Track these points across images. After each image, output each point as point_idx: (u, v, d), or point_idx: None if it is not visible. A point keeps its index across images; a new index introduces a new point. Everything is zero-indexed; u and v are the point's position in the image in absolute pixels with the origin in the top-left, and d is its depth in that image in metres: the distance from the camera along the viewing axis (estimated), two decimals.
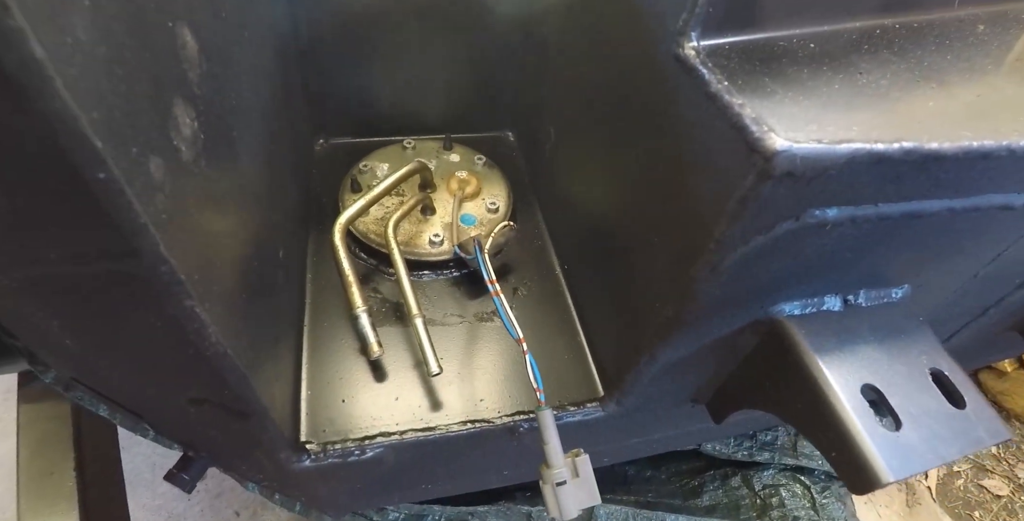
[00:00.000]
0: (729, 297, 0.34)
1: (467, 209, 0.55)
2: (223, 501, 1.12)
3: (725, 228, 0.29)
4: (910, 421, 0.36)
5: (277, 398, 0.39)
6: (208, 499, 1.11)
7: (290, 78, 0.55)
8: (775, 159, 0.25)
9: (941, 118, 0.33)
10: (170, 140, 0.25)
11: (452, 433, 0.43)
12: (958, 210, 0.35)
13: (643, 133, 0.37)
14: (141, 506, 1.08)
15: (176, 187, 0.25)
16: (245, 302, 0.34)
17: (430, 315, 0.50)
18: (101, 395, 0.41)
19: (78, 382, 0.42)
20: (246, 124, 0.39)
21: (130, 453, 1.11)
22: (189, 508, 1.09)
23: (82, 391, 0.44)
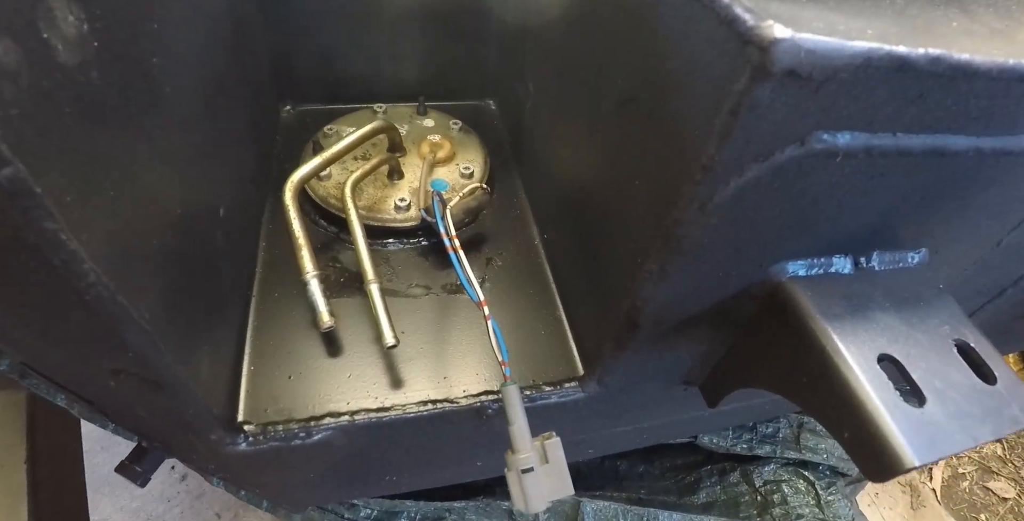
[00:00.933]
0: (722, 247, 0.29)
1: (439, 174, 0.51)
2: (204, 502, 1.07)
3: (714, 151, 0.24)
4: (935, 396, 0.31)
5: (207, 371, 0.34)
6: (189, 500, 1.07)
7: (249, 32, 0.50)
8: (774, 50, 0.20)
9: (968, 37, 0.29)
10: (37, 30, 0.21)
11: (410, 414, 0.38)
12: (986, 152, 0.30)
13: (623, 62, 0.32)
14: (119, 508, 1.04)
15: (43, 86, 0.21)
16: (157, 253, 0.29)
17: (393, 286, 0.45)
18: (54, 382, 0.37)
19: (29, 368, 0.37)
20: (176, 60, 0.34)
21: (109, 452, 1.06)
22: (168, 510, 1.05)
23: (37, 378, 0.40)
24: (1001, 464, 1.18)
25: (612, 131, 0.34)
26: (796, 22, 0.21)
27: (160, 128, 0.32)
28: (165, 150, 0.31)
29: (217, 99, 0.41)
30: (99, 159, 0.24)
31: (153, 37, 0.31)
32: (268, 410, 0.38)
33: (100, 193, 0.24)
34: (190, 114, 0.36)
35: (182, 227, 0.32)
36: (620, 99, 0.32)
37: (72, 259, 0.22)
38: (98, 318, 0.25)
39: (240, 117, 0.47)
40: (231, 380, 0.38)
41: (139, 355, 0.28)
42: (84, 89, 0.24)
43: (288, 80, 0.59)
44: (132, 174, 0.27)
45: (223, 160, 0.41)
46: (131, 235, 0.27)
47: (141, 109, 0.29)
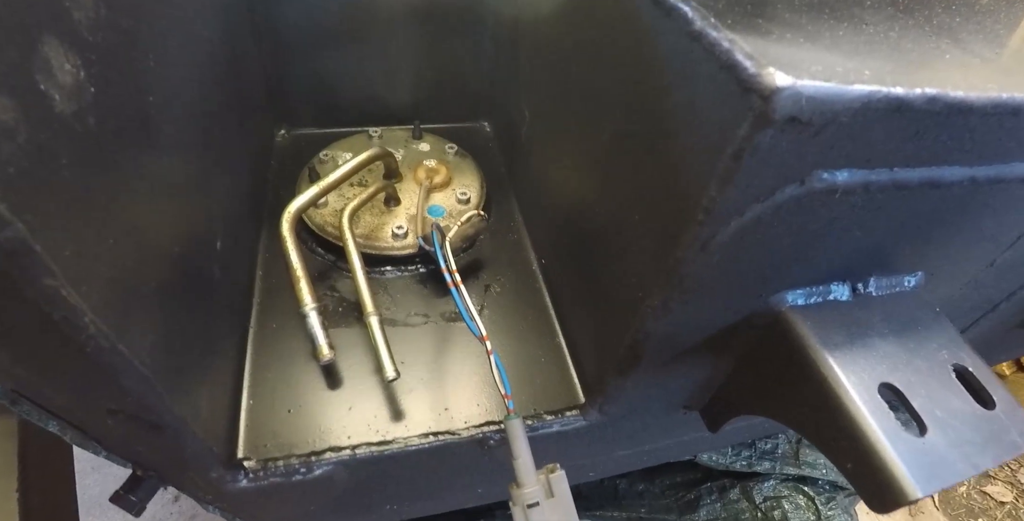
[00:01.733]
0: (723, 282, 0.30)
1: (436, 200, 0.51)
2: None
3: (716, 194, 0.24)
4: (936, 425, 0.31)
5: (206, 408, 0.33)
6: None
7: (243, 58, 0.50)
8: (776, 99, 0.20)
9: (962, 70, 0.29)
10: (34, 82, 0.21)
11: (412, 447, 0.38)
12: (980, 181, 0.30)
13: (621, 97, 0.32)
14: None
15: (40, 140, 0.20)
16: (155, 294, 0.28)
17: (392, 315, 0.45)
18: (46, 410, 0.36)
19: (20, 395, 0.37)
20: (171, 94, 0.34)
21: (100, 474, 1.05)
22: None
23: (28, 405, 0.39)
24: (998, 469, 1.19)
25: (610, 163, 0.34)
26: (795, 66, 0.22)
27: (157, 165, 0.31)
28: (162, 187, 0.31)
29: (212, 128, 0.41)
30: (97, 207, 0.24)
31: (148, 74, 0.31)
32: (268, 445, 0.38)
33: (99, 242, 0.24)
34: (187, 147, 0.36)
35: (180, 265, 0.32)
36: (619, 132, 0.32)
37: (72, 314, 0.21)
38: (97, 367, 0.25)
39: (235, 144, 0.47)
40: (230, 416, 0.38)
41: (138, 399, 0.28)
42: (81, 137, 0.23)
43: (282, 104, 0.59)
44: (130, 218, 0.27)
45: (220, 191, 0.41)
46: (130, 280, 0.26)
47: (138, 149, 0.29)
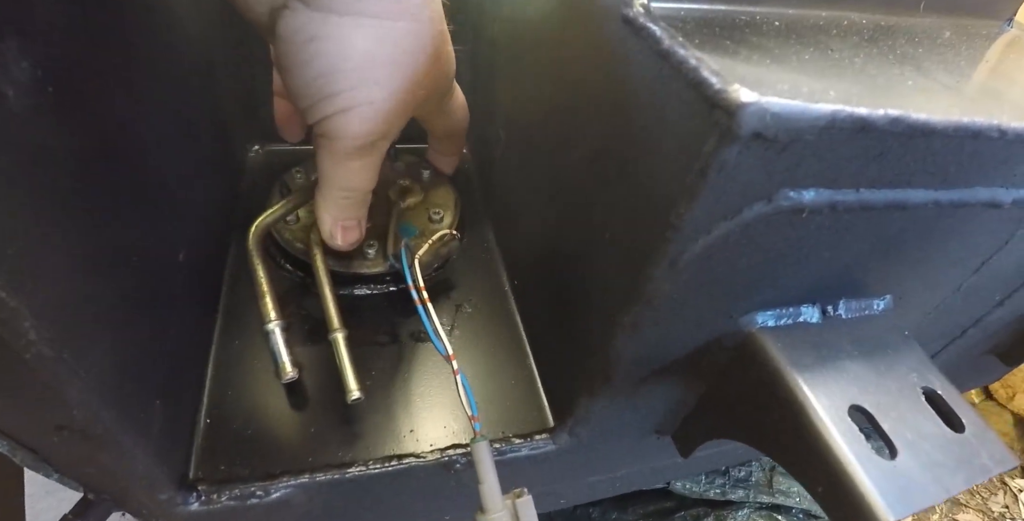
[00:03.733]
0: (693, 300, 0.29)
1: (409, 219, 0.50)
2: None
3: (684, 210, 0.24)
4: (906, 448, 0.31)
5: (157, 425, 0.32)
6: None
7: (217, 72, 0.50)
8: (741, 114, 0.20)
9: (924, 95, 0.30)
10: None
11: (374, 470, 0.36)
12: (944, 204, 0.31)
13: (594, 116, 0.32)
14: None
15: None
16: (109, 303, 0.27)
17: (359, 334, 0.44)
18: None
19: None
20: (141, 103, 0.33)
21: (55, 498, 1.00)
22: None
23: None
24: (969, 496, 1.19)
25: (583, 182, 0.34)
26: (761, 84, 0.22)
27: (119, 173, 0.31)
28: (124, 195, 0.30)
29: (182, 141, 0.41)
30: (48, 208, 0.23)
31: (115, 80, 0.30)
32: (224, 467, 0.36)
33: (47, 243, 0.23)
34: (154, 157, 0.35)
35: (138, 275, 0.31)
36: (591, 152, 0.32)
37: (12, 317, 0.20)
38: (38, 377, 0.23)
39: (206, 158, 0.46)
40: (185, 434, 0.36)
41: (84, 414, 0.26)
42: (36, 137, 0.23)
43: (255, 120, 0.58)
44: (85, 222, 0.26)
45: (186, 203, 0.40)
46: (81, 285, 0.25)
47: (99, 154, 0.28)
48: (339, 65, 0.30)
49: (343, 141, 0.33)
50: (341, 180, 0.36)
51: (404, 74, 0.32)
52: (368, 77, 0.31)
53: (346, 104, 0.31)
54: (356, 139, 0.33)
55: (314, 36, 0.30)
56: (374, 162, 0.36)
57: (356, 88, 0.31)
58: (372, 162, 0.36)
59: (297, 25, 0.30)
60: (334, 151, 0.34)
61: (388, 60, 0.31)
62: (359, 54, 0.30)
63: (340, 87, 0.31)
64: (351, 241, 0.40)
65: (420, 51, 0.32)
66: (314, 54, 0.30)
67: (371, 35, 0.30)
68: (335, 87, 0.31)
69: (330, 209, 0.38)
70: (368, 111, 0.32)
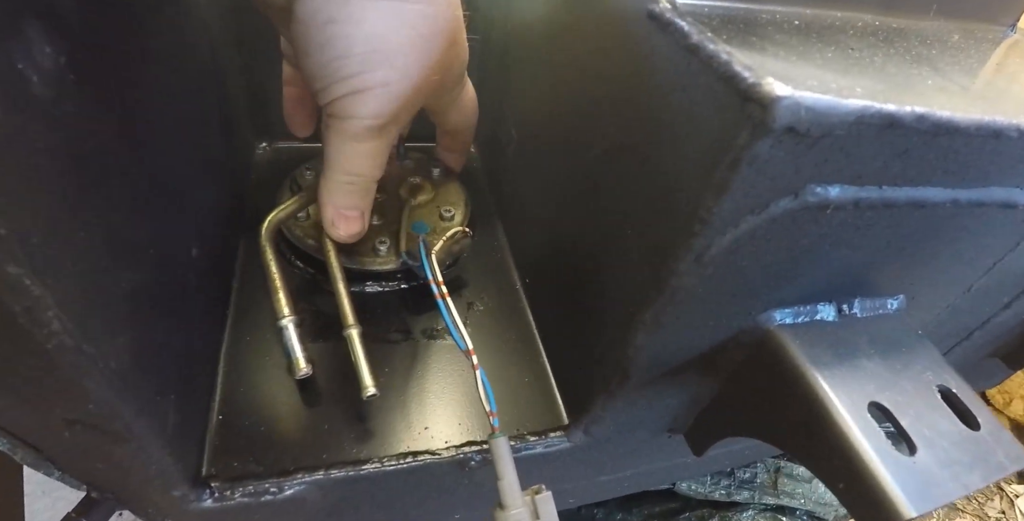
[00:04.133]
0: (714, 297, 0.29)
1: (420, 217, 0.50)
2: None
3: (712, 204, 0.24)
4: (925, 444, 0.31)
5: (172, 420, 0.32)
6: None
7: (226, 68, 0.50)
8: (775, 108, 0.20)
9: (945, 94, 0.30)
10: (11, 61, 0.20)
11: (389, 467, 0.36)
12: (961, 203, 0.31)
13: (615, 110, 0.32)
14: None
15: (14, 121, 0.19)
16: (126, 294, 0.27)
17: (371, 331, 0.44)
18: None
19: None
20: (154, 96, 0.33)
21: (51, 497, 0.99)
22: None
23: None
24: (966, 501, 1.19)
25: (601, 178, 0.34)
26: (793, 80, 0.22)
27: (136, 166, 0.30)
28: (139, 188, 0.30)
29: (194, 136, 0.40)
30: (69, 197, 0.23)
31: (132, 72, 0.30)
32: (237, 463, 0.36)
33: (70, 233, 0.23)
34: (166, 151, 0.35)
35: (153, 269, 0.31)
36: (610, 146, 0.32)
37: (36, 305, 0.20)
38: (58, 368, 0.23)
39: (216, 154, 0.46)
40: (198, 430, 0.36)
41: (102, 407, 0.26)
42: (57, 124, 0.22)
43: (264, 117, 0.58)
44: (104, 213, 0.26)
45: (198, 198, 0.39)
46: (100, 277, 0.25)
47: (116, 143, 0.28)
48: (356, 48, 0.30)
49: (353, 121, 0.33)
50: (347, 164, 0.36)
51: (419, 57, 0.32)
52: (384, 60, 0.31)
53: (360, 85, 0.31)
54: (366, 119, 0.33)
55: (332, 18, 0.30)
56: (381, 147, 0.36)
57: (372, 70, 0.31)
58: (380, 147, 0.36)
59: (315, 7, 0.30)
60: (343, 131, 0.34)
61: (405, 43, 0.31)
62: (376, 37, 0.30)
63: (356, 69, 0.31)
64: (352, 232, 0.40)
65: (437, 35, 0.32)
66: (331, 36, 0.30)
67: (389, 17, 0.30)
68: (351, 69, 0.31)
69: (333, 195, 0.38)
70: (382, 93, 0.32)
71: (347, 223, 0.39)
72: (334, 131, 0.34)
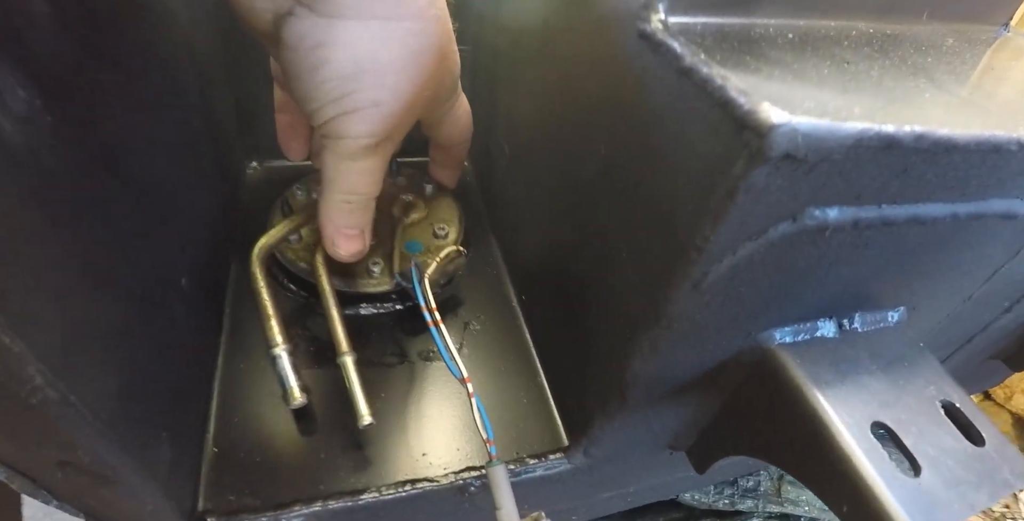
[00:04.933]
0: (713, 321, 0.29)
1: (413, 235, 0.49)
2: None
3: (709, 232, 0.24)
4: (929, 464, 0.30)
5: (165, 457, 0.31)
6: None
7: (214, 87, 0.49)
8: (772, 136, 0.20)
9: (943, 109, 0.30)
10: None
11: (387, 496, 0.35)
12: (961, 217, 0.30)
13: (606, 130, 0.32)
14: None
15: None
16: (113, 336, 0.26)
17: (367, 354, 0.43)
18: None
19: None
20: (138, 126, 0.33)
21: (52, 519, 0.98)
22: None
23: None
24: None
25: (596, 198, 0.33)
26: (789, 102, 0.21)
27: (119, 198, 0.30)
28: (123, 224, 0.29)
29: (181, 161, 0.40)
30: (48, 242, 0.22)
31: (113, 101, 0.30)
32: (233, 497, 0.35)
33: (48, 279, 0.22)
34: (152, 182, 0.34)
35: (140, 307, 0.30)
36: (602, 167, 0.32)
37: (17, 362, 0.19)
38: (44, 419, 0.22)
39: (205, 178, 0.45)
40: (192, 464, 0.35)
41: (91, 454, 0.25)
42: (32, 169, 0.22)
43: (254, 136, 0.57)
44: (85, 255, 0.25)
45: (187, 226, 0.39)
46: (85, 323, 0.24)
47: (98, 183, 0.27)
48: (346, 70, 0.30)
49: (347, 141, 0.33)
50: (344, 183, 0.36)
51: (410, 75, 0.32)
52: (375, 79, 0.31)
53: (352, 106, 0.31)
54: (360, 139, 0.33)
55: (321, 42, 0.29)
56: (378, 165, 0.36)
57: (363, 90, 0.31)
58: (376, 164, 0.35)
59: (303, 31, 0.29)
60: (339, 151, 0.34)
61: (395, 61, 0.31)
62: (366, 57, 0.30)
63: (346, 90, 0.31)
64: (353, 251, 0.39)
65: (426, 50, 0.32)
66: (321, 60, 0.30)
67: (377, 37, 0.30)
68: (341, 90, 0.31)
69: (332, 215, 0.37)
70: (374, 112, 0.32)
71: (348, 242, 0.39)
72: (329, 151, 0.34)
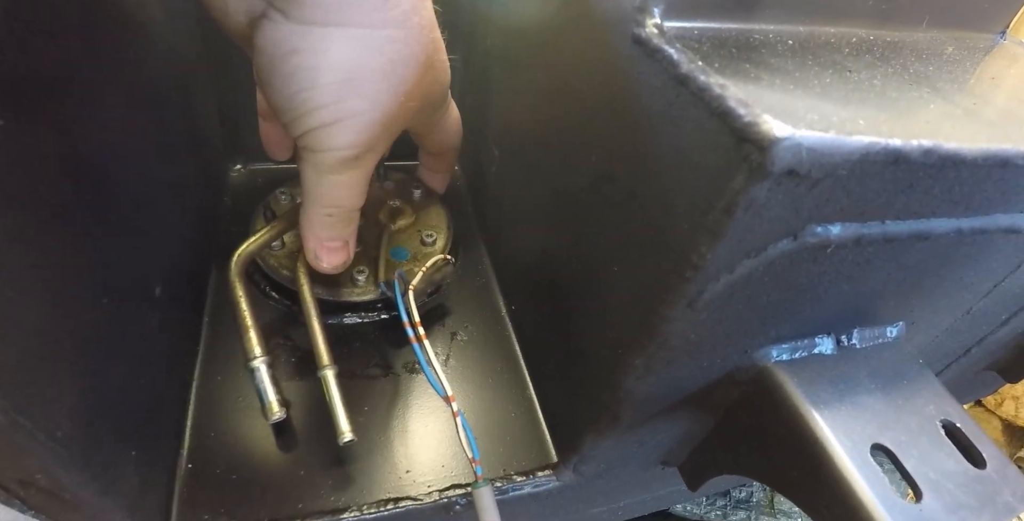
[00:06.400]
0: (708, 340, 0.28)
1: (399, 242, 0.48)
2: None
3: (706, 250, 0.22)
4: (930, 489, 0.29)
5: (132, 478, 0.29)
6: None
7: (195, 87, 0.48)
8: (774, 150, 0.19)
9: (948, 121, 0.28)
10: None
11: (369, 516, 0.34)
12: (965, 232, 0.29)
13: (601, 138, 0.30)
14: None
15: None
16: (76, 352, 0.25)
17: (350, 366, 0.42)
18: None
19: None
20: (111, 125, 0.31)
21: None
22: None
23: None
24: None
25: (588, 209, 0.32)
26: (791, 114, 0.20)
27: (88, 203, 0.28)
28: (93, 229, 0.28)
29: (158, 165, 0.38)
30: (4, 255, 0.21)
31: (82, 99, 0.28)
32: (207, 516, 0.34)
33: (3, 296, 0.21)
34: (126, 182, 0.32)
35: (108, 319, 0.29)
36: (595, 175, 0.31)
37: None
38: None
39: (184, 182, 0.44)
40: (165, 482, 0.34)
41: (48, 478, 0.24)
42: None
43: (238, 138, 0.56)
44: (44, 263, 0.24)
45: (162, 231, 0.37)
46: (42, 339, 0.23)
47: (64, 183, 0.26)
48: (322, 78, 0.29)
49: (327, 153, 0.31)
50: (325, 196, 0.34)
51: (391, 85, 0.30)
52: (352, 90, 0.29)
53: (330, 118, 0.30)
54: (340, 151, 0.31)
55: (295, 48, 0.28)
56: (360, 177, 0.34)
57: (340, 101, 0.29)
58: (358, 177, 0.34)
59: (277, 37, 0.28)
60: (318, 164, 0.32)
61: (374, 71, 0.29)
62: (342, 66, 0.28)
63: (323, 101, 0.29)
64: (336, 263, 0.38)
65: (409, 60, 0.30)
66: (295, 67, 0.28)
67: (355, 46, 0.28)
68: (318, 101, 0.29)
69: (314, 228, 0.36)
70: (353, 123, 0.30)
71: (330, 254, 0.37)
72: (309, 164, 0.33)
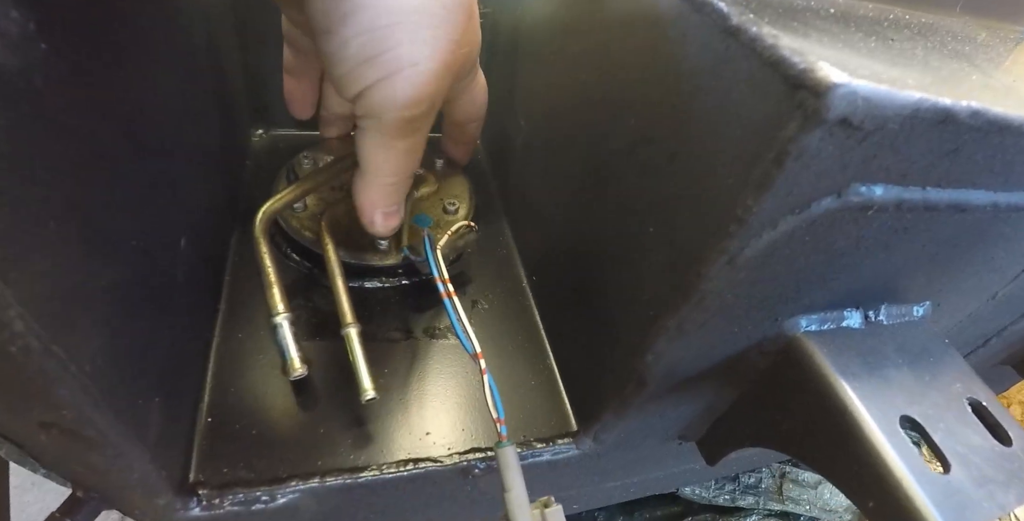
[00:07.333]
0: (742, 302, 0.27)
1: (422, 209, 0.48)
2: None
3: (752, 203, 0.22)
4: (958, 462, 0.29)
5: (156, 423, 0.30)
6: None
7: (222, 50, 0.47)
8: (830, 96, 0.18)
9: (991, 92, 0.28)
10: None
11: (388, 475, 0.34)
12: (1001, 207, 0.29)
13: (638, 102, 0.30)
14: None
15: None
16: (105, 291, 0.25)
17: (371, 329, 0.42)
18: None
19: None
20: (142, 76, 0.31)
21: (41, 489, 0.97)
22: None
23: None
24: None
25: (622, 174, 0.32)
26: (845, 67, 0.20)
27: (119, 151, 0.28)
28: (122, 175, 0.28)
29: (185, 122, 0.38)
30: (36, 181, 0.21)
31: (116, 49, 0.28)
32: (226, 469, 0.34)
33: (36, 223, 0.20)
34: (154, 137, 0.32)
35: (137, 262, 0.29)
36: (633, 139, 0.30)
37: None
38: (25, 372, 0.21)
39: (209, 141, 0.44)
40: (185, 434, 0.34)
41: (75, 413, 0.24)
42: (25, 97, 0.20)
43: (262, 102, 0.56)
44: (78, 202, 0.24)
45: (188, 187, 0.37)
46: (74, 273, 0.23)
47: (94, 127, 0.26)
48: (383, 20, 0.27)
49: (391, 115, 0.30)
50: (387, 165, 0.34)
51: (447, 32, 0.29)
52: (414, 35, 0.28)
53: (390, 68, 0.28)
54: (405, 109, 0.30)
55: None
56: (421, 142, 0.34)
57: (400, 46, 0.28)
58: (420, 142, 0.34)
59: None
60: (382, 131, 0.31)
61: (434, 15, 0.28)
62: (407, 7, 0.27)
63: (383, 46, 0.28)
64: (392, 227, 0.38)
65: (458, 5, 0.29)
66: (355, 7, 0.27)
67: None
68: (378, 46, 0.28)
69: (372, 197, 0.36)
70: (414, 74, 0.29)
71: (387, 219, 0.37)
72: (370, 134, 0.32)
